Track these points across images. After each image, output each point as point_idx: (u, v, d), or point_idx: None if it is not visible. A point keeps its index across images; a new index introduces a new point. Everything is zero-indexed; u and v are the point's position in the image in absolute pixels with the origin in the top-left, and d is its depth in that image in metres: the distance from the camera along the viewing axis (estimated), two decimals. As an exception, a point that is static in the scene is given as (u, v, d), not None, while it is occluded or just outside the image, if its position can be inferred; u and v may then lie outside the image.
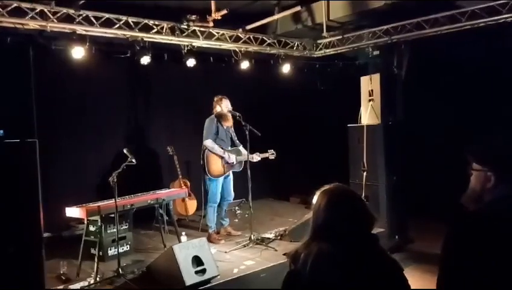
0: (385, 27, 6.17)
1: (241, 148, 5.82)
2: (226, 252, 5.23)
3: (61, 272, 4.50)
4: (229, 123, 5.74)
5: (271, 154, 5.97)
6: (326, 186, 1.82)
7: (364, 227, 1.72)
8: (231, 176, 5.87)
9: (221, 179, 5.70)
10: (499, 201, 1.58)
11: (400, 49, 6.20)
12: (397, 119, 6.29)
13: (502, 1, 4.89)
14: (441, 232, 1.62)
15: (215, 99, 5.75)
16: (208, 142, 5.59)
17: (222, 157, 5.62)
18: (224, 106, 5.67)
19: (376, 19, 6.06)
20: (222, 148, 5.66)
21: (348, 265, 1.63)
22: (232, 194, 5.89)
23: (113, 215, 4.64)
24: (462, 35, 5.48)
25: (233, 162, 5.65)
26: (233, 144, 5.88)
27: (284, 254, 1.93)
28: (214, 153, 5.59)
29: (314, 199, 1.80)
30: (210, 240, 5.66)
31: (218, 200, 5.73)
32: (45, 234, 4.43)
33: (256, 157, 5.79)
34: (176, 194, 5.81)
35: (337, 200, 1.75)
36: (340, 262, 1.63)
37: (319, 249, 1.66)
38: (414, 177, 6.22)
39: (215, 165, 5.61)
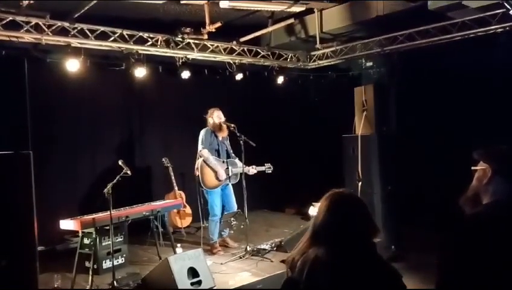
0: (377, 38, 6.25)
1: (237, 160, 5.80)
2: (221, 263, 5.20)
3: (55, 285, 4.45)
4: (223, 134, 5.73)
5: (268, 168, 5.91)
6: (335, 190, 1.80)
7: (364, 234, 1.70)
8: (230, 187, 5.82)
9: (218, 190, 5.68)
10: (496, 203, 1.59)
11: (393, 60, 6.27)
12: (391, 129, 6.33)
13: (491, 12, 4.97)
14: (437, 242, 1.61)
15: (208, 112, 5.75)
16: (205, 152, 5.57)
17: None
18: (216, 116, 5.67)
19: (369, 31, 6.15)
20: (216, 159, 5.66)
21: (344, 272, 1.62)
22: (235, 205, 5.80)
23: (108, 227, 4.61)
24: (453, 46, 5.56)
25: (223, 180, 5.60)
26: (228, 156, 5.86)
27: (282, 261, 1.92)
28: (208, 164, 5.59)
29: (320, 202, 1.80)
30: (212, 251, 5.63)
31: (219, 213, 5.66)
32: (39, 248, 4.37)
33: (252, 171, 5.75)
34: (171, 205, 5.79)
35: (339, 203, 1.74)
36: (337, 270, 1.62)
37: (316, 256, 1.65)
38: (409, 186, 6.24)
39: (210, 176, 5.59)
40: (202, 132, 5.69)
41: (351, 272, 1.62)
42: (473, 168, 1.71)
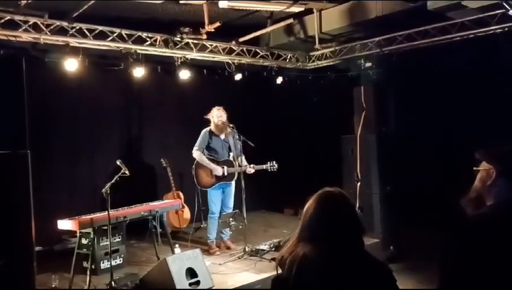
0: (377, 39, 6.24)
1: (243, 158, 5.74)
2: (220, 264, 5.19)
3: (53, 286, 4.44)
4: (224, 134, 5.73)
5: (271, 166, 5.75)
6: (327, 188, 1.81)
7: (349, 232, 1.71)
8: (232, 188, 5.80)
9: (218, 189, 5.67)
10: (501, 205, 1.56)
11: (392, 61, 6.27)
12: (390, 129, 6.33)
13: (491, 13, 4.97)
14: (436, 242, 1.59)
15: (210, 112, 5.74)
16: (195, 155, 5.62)
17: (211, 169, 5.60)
18: (215, 116, 5.65)
19: (368, 31, 6.14)
20: (214, 160, 5.64)
21: (332, 269, 1.62)
22: (230, 206, 5.80)
23: (105, 227, 4.60)
24: (453, 46, 5.56)
25: (220, 175, 5.60)
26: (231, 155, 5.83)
27: (272, 259, 1.92)
28: (202, 164, 5.59)
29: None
30: (209, 252, 5.62)
31: (217, 211, 5.67)
32: (36, 248, 4.35)
33: (250, 170, 5.71)
34: (169, 206, 5.78)
35: (324, 201, 1.75)
36: (325, 267, 1.63)
37: (304, 253, 1.66)
38: (408, 186, 6.23)
39: (204, 175, 5.61)
40: (201, 133, 5.69)
41: (339, 269, 1.63)
42: (475, 168, 1.67)
